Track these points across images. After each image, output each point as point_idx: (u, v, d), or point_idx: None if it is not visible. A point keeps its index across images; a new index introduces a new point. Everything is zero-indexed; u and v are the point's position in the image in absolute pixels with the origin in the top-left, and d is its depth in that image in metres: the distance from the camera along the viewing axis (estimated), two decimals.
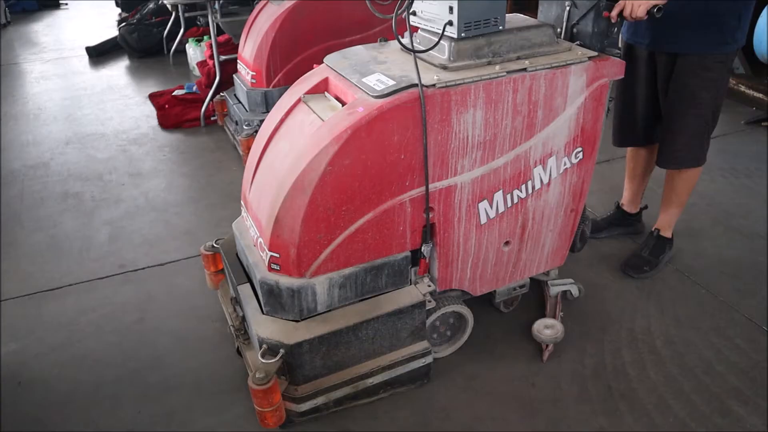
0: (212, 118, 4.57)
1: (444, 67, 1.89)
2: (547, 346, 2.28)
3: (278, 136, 2.07)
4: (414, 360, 2.12)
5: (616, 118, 2.75)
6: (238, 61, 4.00)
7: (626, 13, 2.02)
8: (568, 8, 2.11)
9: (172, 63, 6.21)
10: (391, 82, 1.84)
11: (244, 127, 3.79)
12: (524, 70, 1.91)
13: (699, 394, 2.16)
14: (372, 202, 1.90)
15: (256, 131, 3.25)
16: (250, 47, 3.77)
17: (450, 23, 1.86)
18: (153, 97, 5.09)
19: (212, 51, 4.47)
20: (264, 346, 1.93)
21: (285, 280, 1.94)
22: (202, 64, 5.15)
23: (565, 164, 2.14)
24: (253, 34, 3.77)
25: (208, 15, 4.43)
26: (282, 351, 1.91)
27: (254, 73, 3.73)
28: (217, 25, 4.57)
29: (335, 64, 2.08)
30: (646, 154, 2.80)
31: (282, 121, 2.08)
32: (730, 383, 2.20)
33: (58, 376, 2.32)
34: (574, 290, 2.47)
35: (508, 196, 2.10)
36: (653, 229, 2.82)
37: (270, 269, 1.96)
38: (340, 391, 2.05)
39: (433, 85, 1.82)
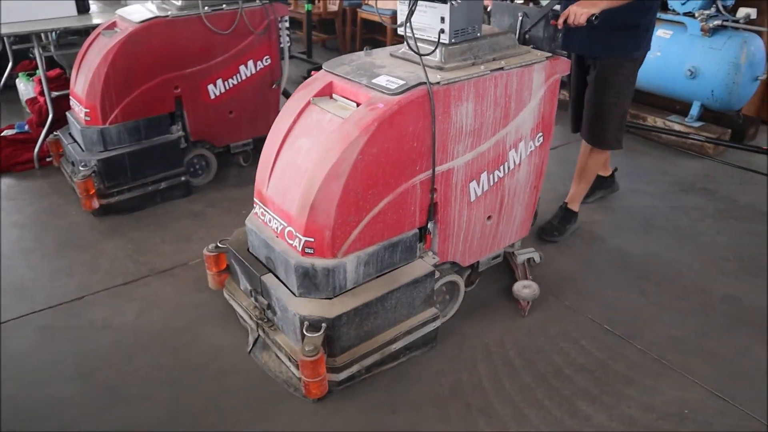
0: (47, 159, 4.15)
1: (440, 68, 2.24)
2: (528, 302, 2.68)
3: (293, 136, 2.30)
4: (427, 325, 2.42)
5: (570, 110, 3.28)
6: (70, 97, 3.69)
7: (570, 20, 2.50)
8: (521, 18, 2.54)
9: (2, 100, 5.20)
10: (402, 82, 2.15)
11: (81, 168, 3.43)
12: (502, 68, 2.31)
13: (551, 400, 2.30)
14: (391, 186, 2.19)
15: (95, 172, 3.34)
16: (81, 82, 3.48)
17: (442, 31, 2.22)
18: None
19: (42, 87, 4.07)
20: (306, 323, 2.14)
21: (320, 262, 2.17)
22: (32, 102, 4.60)
23: (530, 147, 2.57)
24: (85, 69, 3.49)
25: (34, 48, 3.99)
26: (324, 325, 2.14)
27: (88, 110, 3.43)
28: (52, 58, 4.27)
29: (337, 70, 2.35)
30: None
31: (294, 122, 2.31)
32: (579, 385, 2.37)
33: None
34: (537, 257, 2.90)
35: (491, 176, 2.48)
36: (564, 202, 3.35)
37: (304, 253, 2.18)
38: (371, 358, 2.30)
39: (438, 82, 2.16)
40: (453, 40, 2.24)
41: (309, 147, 2.21)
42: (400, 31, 2.30)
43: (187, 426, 2.21)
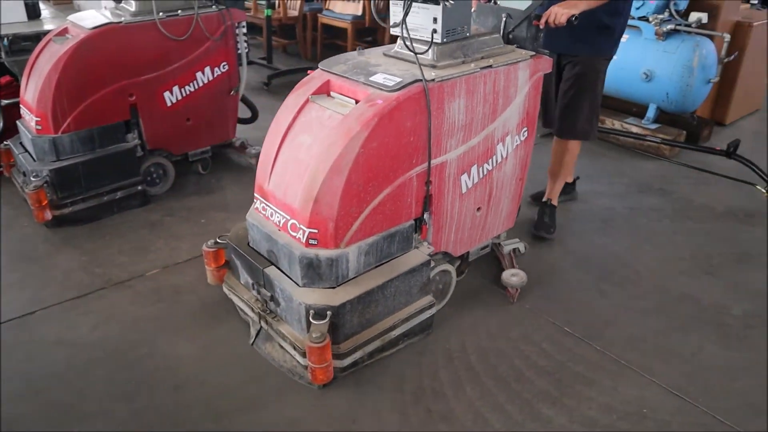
0: None
1: (433, 66, 2.35)
2: (517, 290, 2.81)
3: (293, 132, 2.38)
4: (423, 312, 2.53)
5: (540, 106, 3.41)
6: (20, 105, 3.58)
7: (551, 20, 2.65)
8: (504, 19, 2.68)
9: None
10: (399, 79, 2.26)
11: (32, 178, 3.32)
12: (490, 66, 2.44)
13: (512, 403, 2.32)
14: (389, 178, 2.29)
15: (47, 182, 3.29)
16: (32, 90, 3.38)
17: (435, 31, 2.34)
18: None
19: None
20: (312, 311, 2.22)
21: (324, 252, 2.25)
22: None
23: (516, 141, 2.71)
24: (35, 76, 3.40)
25: None
26: (329, 313, 2.22)
27: (39, 119, 3.33)
28: (3, 64, 4.09)
29: (334, 69, 2.44)
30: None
31: (294, 119, 2.39)
32: (539, 387, 2.40)
33: None
34: (522, 247, 3.04)
35: (481, 169, 2.61)
36: (546, 199, 3.51)
37: (308, 245, 2.26)
38: (372, 345, 2.39)
39: (432, 79, 2.27)
40: (445, 40, 2.36)
41: (310, 143, 2.29)
42: (394, 31, 2.41)
43: None
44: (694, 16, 4.54)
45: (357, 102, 2.30)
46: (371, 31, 7.12)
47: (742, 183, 3.90)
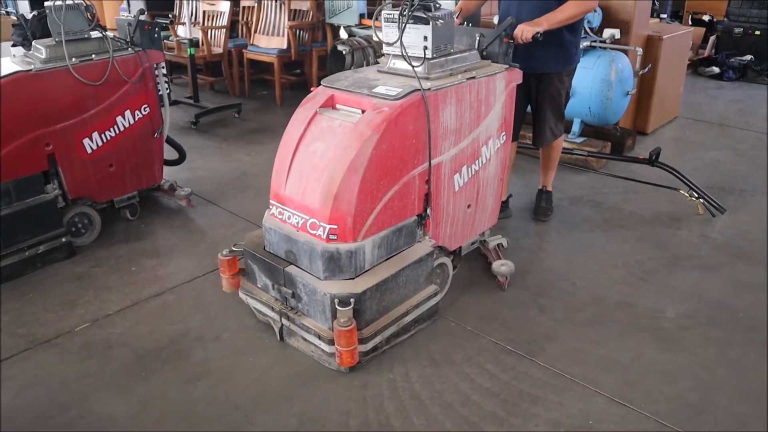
0: None
1: (426, 78, 2.67)
2: (506, 278, 3.11)
3: (306, 141, 2.63)
4: (430, 299, 2.79)
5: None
6: None
7: (518, 36, 3.03)
8: (478, 38, 3.04)
9: None
10: (400, 89, 2.56)
11: None
12: (474, 77, 2.78)
13: (460, 428, 2.31)
14: (397, 177, 2.57)
15: None
16: None
17: (426, 48, 2.66)
18: None
19: None
20: (336, 300, 2.44)
21: (344, 246, 2.49)
22: None
23: (497, 144, 3.04)
24: None
25: None
26: (353, 300, 2.45)
27: None
28: None
29: (337, 85, 2.73)
30: (513, 147, 3.86)
31: (305, 131, 2.65)
32: (486, 409, 2.40)
33: None
34: (505, 242, 3.36)
35: (470, 169, 2.92)
36: (541, 187, 3.93)
37: (329, 240, 2.50)
38: (389, 330, 2.63)
39: (429, 89, 2.59)
40: (434, 55, 2.68)
41: (324, 149, 2.55)
42: (388, 50, 2.73)
43: None
44: (607, 33, 4.79)
45: (363, 112, 2.57)
46: (299, 64, 7.20)
47: (666, 189, 4.11)
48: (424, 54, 2.65)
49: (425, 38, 2.65)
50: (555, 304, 3.07)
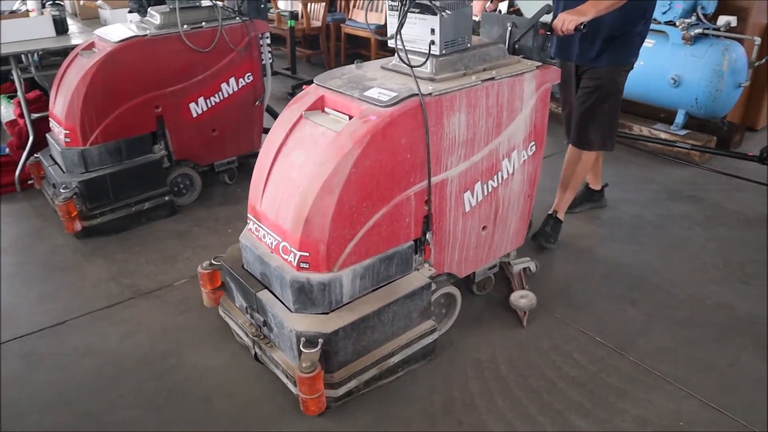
0: (29, 182, 4.10)
1: (432, 79, 2.24)
2: (525, 312, 2.66)
3: (286, 149, 2.28)
4: (424, 337, 2.40)
5: (564, 119, 3.30)
6: (50, 119, 3.66)
7: (559, 28, 2.51)
8: (510, 28, 2.55)
9: None
10: (394, 93, 2.15)
11: (62, 190, 3.36)
12: (493, 78, 2.32)
13: (544, 415, 2.27)
14: (385, 198, 2.18)
15: (76, 194, 3.34)
16: (61, 103, 3.45)
17: (433, 42, 2.22)
18: None
19: (22, 109, 4.04)
20: (302, 339, 2.11)
21: (316, 276, 2.14)
22: (11, 124, 4.46)
23: (523, 156, 2.57)
24: (63, 89, 3.46)
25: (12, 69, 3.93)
26: (321, 341, 2.11)
27: (68, 132, 3.40)
28: (33, 79, 4.28)
29: (329, 84, 2.34)
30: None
31: (287, 136, 2.30)
32: (571, 398, 2.35)
33: None
34: (533, 266, 2.89)
35: (485, 186, 2.48)
36: (552, 212, 3.35)
37: (299, 268, 2.16)
38: (368, 373, 2.27)
39: (430, 93, 2.16)
40: (443, 51, 2.25)
41: (303, 161, 2.19)
42: (391, 43, 2.30)
43: None
44: (722, 20, 4.39)
45: (350, 118, 2.19)
46: None
47: None
48: (429, 50, 2.22)
49: (432, 31, 2.21)
50: (648, 300, 2.93)
